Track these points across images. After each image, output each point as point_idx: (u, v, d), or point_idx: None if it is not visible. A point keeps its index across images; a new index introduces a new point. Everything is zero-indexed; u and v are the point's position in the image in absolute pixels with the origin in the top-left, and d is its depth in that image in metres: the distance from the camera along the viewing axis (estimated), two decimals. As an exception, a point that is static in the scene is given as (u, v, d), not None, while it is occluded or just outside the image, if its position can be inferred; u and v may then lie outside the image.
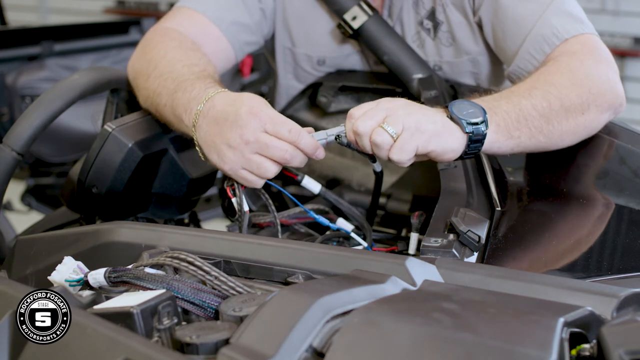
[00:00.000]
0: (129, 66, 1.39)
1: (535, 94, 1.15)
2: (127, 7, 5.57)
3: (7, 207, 2.67)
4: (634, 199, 1.17)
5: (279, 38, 1.54)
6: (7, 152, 1.22)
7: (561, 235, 1.15)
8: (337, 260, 0.90)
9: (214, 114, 1.11)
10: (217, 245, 0.97)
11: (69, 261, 0.90)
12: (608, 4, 4.12)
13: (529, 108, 1.13)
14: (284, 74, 1.58)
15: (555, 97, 1.15)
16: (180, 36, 1.36)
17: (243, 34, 1.46)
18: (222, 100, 1.11)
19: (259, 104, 1.09)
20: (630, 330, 0.71)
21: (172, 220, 1.43)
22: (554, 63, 1.23)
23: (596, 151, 1.27)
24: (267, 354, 0.66)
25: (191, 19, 1.41)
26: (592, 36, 1.29)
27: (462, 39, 1.42)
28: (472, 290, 0.84)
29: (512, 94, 1.15)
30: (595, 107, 1.20)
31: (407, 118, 1.04)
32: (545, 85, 1.17)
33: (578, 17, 1.30)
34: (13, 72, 2.54)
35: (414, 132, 1.03)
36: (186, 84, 1.18)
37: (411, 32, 1.46)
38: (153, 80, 1.25)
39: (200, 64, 1.26)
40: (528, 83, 1.18)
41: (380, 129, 1.03)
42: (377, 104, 1.08)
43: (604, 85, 1.22)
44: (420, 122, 1.04)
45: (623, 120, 1.32)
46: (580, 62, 1.23)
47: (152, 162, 1.27)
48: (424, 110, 1.07)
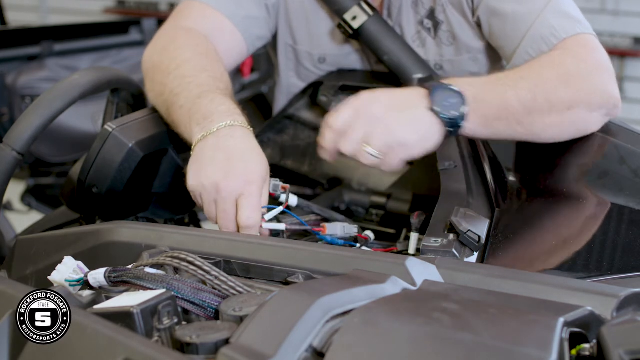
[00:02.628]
0: (145, 55, 1.38)
1: (521, 85, 1.16)
2: (127, 7, 5.57)
3: (7, 207, 2.66)
4: (634, 199, 1.17)
5: (281, 35, 1.54)
6: (7, 152, 1.22)
7: (561, 235, 1.15)
8: (337, 260, 0.90)
9: (224, 140, 1.10)
10: (217, 245, 0.97)
11: (69, 261, 0.90)
12: (608, 4, 4.12)
13: (512, 99, 1.14)
14: (286, 71, 1.59)
15: (541, 90, 1.16)
16: (206, 43, 1.35)
17: (255, 28, 1.47)
18: (241, 137, 1.11)
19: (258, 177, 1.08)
20: (630, 330, 0.71)
21: (172, 220, 1.43)
22: (547, 57, 1.24)
23: (596, 151, 1.27)
24: (267, 354, 0.66)
25: (205, 14, 1.41)
26: (589, 36, 1.29)
27: (463, 38, 1.43)
28: (472, 290, 0.84)
29: (499, 81, 1.17)
30: (584, 105, 1.20)
31: (387, 136, 1.05)
32: (534, 78, 1.18)
33: (576, 17, 1.30)
34: (13, 72, 2.54)
35: (397, 148, 1.06)
36: (212, 96, 1.17)
37: (411, 31, 1.46)
38: (173, 79, 1.24)
39: (223, 80, 1.26)
40: (518, 72, 1.19)
41: (364, 151, 1.05)
42: (355, 115, 1.08)
43: (595, 85, 1.22)
44: (402, 136, 1.06)
45: (623, 120, 1.32)
46: (573, 59, 1.24)
47: (153, 162, 1.27)
48: (404, 114, 1.08)
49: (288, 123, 1.60)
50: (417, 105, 1.10)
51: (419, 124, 1.08)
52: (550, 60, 1.23)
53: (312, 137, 1.59)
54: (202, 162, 1.10)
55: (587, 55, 1.26)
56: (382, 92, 1.12)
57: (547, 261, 1.06)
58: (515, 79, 1.18)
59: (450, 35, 1.43)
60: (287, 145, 1.60)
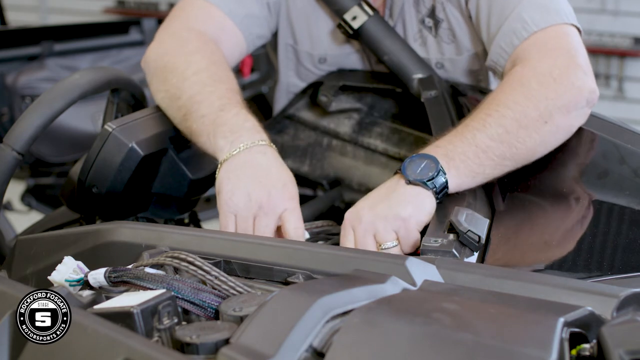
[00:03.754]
0: (152, 53, 1.37)
1: (488, 123, 1.15)
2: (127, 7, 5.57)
3: (7, 207, 2.66)
4: (634, 199, 1.17)
5: (282, 34, 1.54)
6: (7, 152, 1.22)
7: (561, 235, 1.15)
8: (337, 260, 0.90)
9: (257, 161, 1.14)
10: (217, 245, 0.97)
11: (69, 261, 0.90)
12: (608, 4, 4.11)
13: (485, 140, 1.13)
14: (285, 71, 1.59)
15: (510, 119, 1.15)
16: (218, 51, 1.36)
17: (255, 27, 1.47)
18: (272, 157, 1.16)
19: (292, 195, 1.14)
20: (630, 330, 0.71)
21: (172, 220, 1.43)
22: (506, 80, 1.23)
23: (596, 151, 1.27)
24: (267, 354, 0.66)
25: (208, 13, 1.41)
26: (562, 27, 1.27)
27: (462, 35, 1.43)
28: (472, 290, 0.84)
29: (466, 129, 1.16)
30: (558, 110, 1.18)
31: (386, 224, 1.08)
32: (500, 109, 1.16)
33: (552, 8, 1.28)
34: (13, 72, 2.54)
35: (405, 227, 1.08)
36: (237, 110, 1.21)
37: (413, 30, 1.46)
38: (192, 86, 1.25)
39: (238, 92, 1.28)
40: (482, 111, 1.18)
41: (384, 250, 1.08)
42: (354, 232, 1.10)
43: (565, 87, 1.19)
44: (398, 214, 1.08)
45: (623, 120, 1.32)
46: (532, 69, 1.21)
47: (153, 162, 1.27)
48: (389, 200, 1.10)
49: (288, 123, 1.60)
50: (394, 187, 1.12)
51: (404, 198, 1.10)
52: (509, 83, 1.21)
53: (312, 137, 1.59)
54: (239, 179, 1.13)
55: (554, 51, 1.24)
56: (363, 199, 1.14)
57: (547, 261, 1.06)
58: (481, 118, 1.16)
59: (450, 33, 1.44)
60: (287, 145, 1.60)
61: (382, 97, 1.54)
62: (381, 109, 1.55)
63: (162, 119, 1.28)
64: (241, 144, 1.15)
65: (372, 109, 1.55)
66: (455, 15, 1.41)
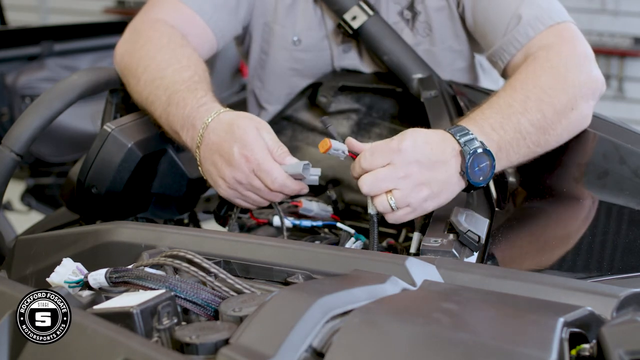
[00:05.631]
0: (117, 53, 1.38)
1: (530, 107, 1.13)
2: (127, 7, 5.57)
3: (7, 207, 2.66)
4: (634, 199, 1.17)
5: (258, 14, 1.53)
6: (6, 154, 1.22)
7: (561, 235, 1.15)
8: (337, 260, 0.90)
9: (210, 145, 1.13)
10: (217, 245, 0.97)
11: (68, 263, 0.90)
12: (608, 4, 4.11)
13: (526, 126, 1.12)
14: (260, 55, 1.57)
15: (547, 104, 1.15)
16: (170, 30, 1.35)
17: (224, 22, 1.46)
18: (217, 130, 1.13)
19: (251, 140, 1.10)
20: (630, 330, 0.71)
21: (171, 220, 1.43)
22: (534, 62, 1.23)
23: (596, 151, 1.27)
24: (266, 354, 0.66)
25: (177, 8, 1.41)
26: (569, 24, 1.30)
27: (439, 29, 1.44)
28: (472, 290, 0.84)
29: (510, 109, 1.12)
30: (581, 98, 1.20)
31: (414, 198, 1.02)
32: (537, 92, 1.15)
33: (553, 8, 1.31)
34: (13, 72, 2.54)
35: (414, 210, 1.04)
36: (177, 98, 1.19)
37: (390, 21, 1.47)
38: (144, 86, 1.25)
39: (190, 66, 1.26)
40: (521, 91, 1.15)
41: (384, 197, 1.03)
42: (393, 166, 1.02)
43: (583, 75, 1.22)
44: (426, 202, 1.04)
45: (623, 120, 1.32)
46: (558, 54, 1.23)
47: (152, 162, 1.27)
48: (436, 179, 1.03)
49: (286, 124, 1.60)
50: (448, 165, 1.04)
51: (447, 190, 1.05)
52: (539, 65, 1.21)
53: (310, 138, 1.59)
54: (210, 176, 1.15)
55: (568, 45, 1.26)
56: (421, 144, 1.03)
57: (547, 261, 1.06)
58: (522, 100, 1.13)
59: (427, 27, 1.45)
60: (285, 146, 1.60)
61: (380, 98, 1.54)
62: (380, 110, 1.55)
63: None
64: (195, 134, 1.15)
65: (371, 110, 1.55)
66: (436, 6, 1.42)
